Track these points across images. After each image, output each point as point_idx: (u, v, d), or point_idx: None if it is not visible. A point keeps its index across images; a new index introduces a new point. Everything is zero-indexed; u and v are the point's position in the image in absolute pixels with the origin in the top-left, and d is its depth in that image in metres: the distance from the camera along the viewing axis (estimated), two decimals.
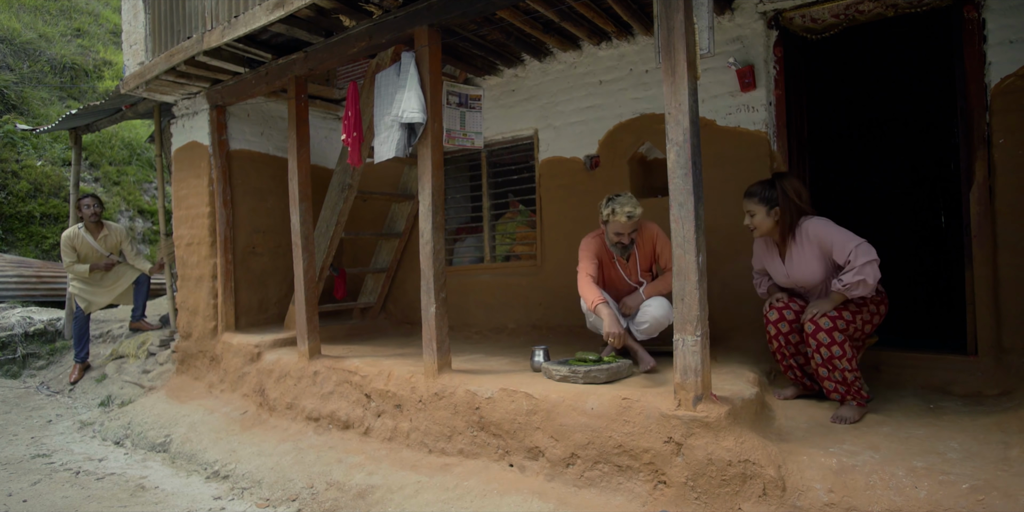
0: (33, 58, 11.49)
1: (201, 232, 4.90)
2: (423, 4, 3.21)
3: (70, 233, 5.55)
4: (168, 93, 4.89)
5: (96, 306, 5.67)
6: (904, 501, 1.97)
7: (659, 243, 3.32)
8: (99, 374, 5.59)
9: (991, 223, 3.05)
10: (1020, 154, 2.97)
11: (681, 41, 2.32)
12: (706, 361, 2.33)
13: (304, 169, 4.04)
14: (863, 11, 3.38)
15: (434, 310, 3.21)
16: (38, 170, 9.63)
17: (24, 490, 3.30)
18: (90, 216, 5.56)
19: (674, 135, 2.33)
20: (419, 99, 3.19)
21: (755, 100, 3.67)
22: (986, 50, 3.06)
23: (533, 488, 2.58)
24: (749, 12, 3.67)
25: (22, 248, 9.07)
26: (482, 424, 2.89)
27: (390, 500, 2.76)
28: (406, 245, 5.43)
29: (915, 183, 5.85)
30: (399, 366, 3.46)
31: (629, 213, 3.13)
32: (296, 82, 4.00)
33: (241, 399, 4.29)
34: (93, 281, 5.62)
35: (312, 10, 3.36)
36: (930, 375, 3.12)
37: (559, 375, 2.91)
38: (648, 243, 3.35)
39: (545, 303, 4.63)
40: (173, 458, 3.83)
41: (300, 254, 4.03)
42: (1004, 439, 2.28)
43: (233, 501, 3.13)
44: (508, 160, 5.04)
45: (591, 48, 4.32)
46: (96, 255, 5.59)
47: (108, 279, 5.69)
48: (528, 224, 4.91)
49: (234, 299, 4.82)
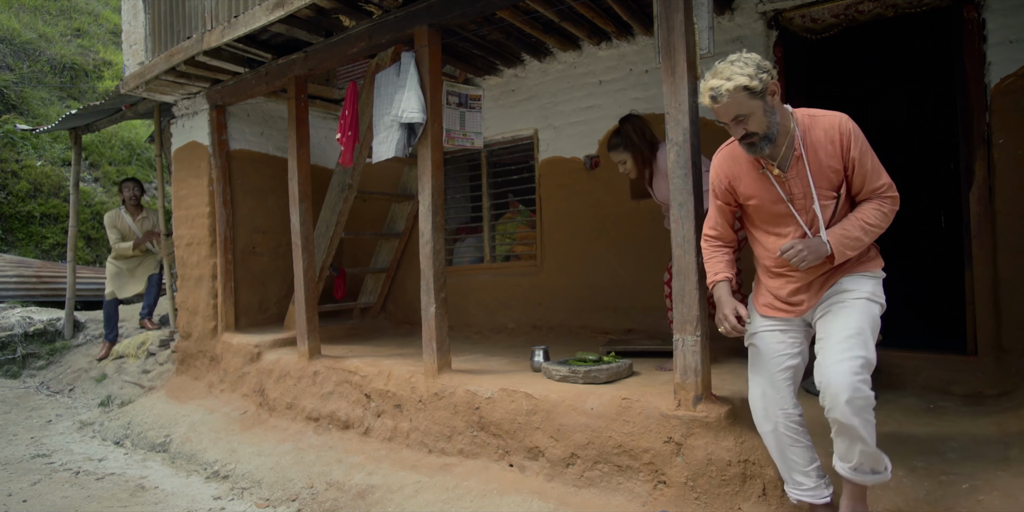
0: (33, 58, 11.49)
1: (201, 232, 4.89)
2: (423, 4, 3.21)
3: (112, 213, 5.93)
4: (168, 93, 4.89)
5: (122, 293, 5.90)
6: (904, 501, 1.97)
7: (854, 144, 1.90)
8: (99, 374, 5.59)
9: (991, 223, 3.05)
10: (1020, 154, 2.97)
11: (681, 41, 2.32)
12: (706, 361, 2.33)
13: (304, 169, 4.04)
14: (863, 11, 3.37)
15: (434, 310, 3.21)
16: (38, 170, 9.64)
17: (24, 490, 3.29)
18: (129, 198, 5.93)
19: (674, 135, 2.33)
20: (419, 99, 3.19)
21: None
22: (986, 50, 3.06)
23: (533, 488, 2.58)
24: (749, 12, 3.67)
25: (22, 248, 9.07)
26: (482, 424, 2.89)
27: (390, 500, 2.76)
28: (406, 245, 5.43)
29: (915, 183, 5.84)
30: (399, 366, 3.45)
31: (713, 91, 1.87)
32: (296, 82, 4.00)
33: (241, 399, 4.29)
34: (129, 267, 5.89)
35: (312, 10, 3.36)
36: (930, 375, 3.12)
37: (559, 375, 2.91)
38: (828, 143, 1.92)
39: (545, 303, 4.63)
40: (173, 458, 3.83)
41: (300, 254, 4.03)
42: (1004, 439, 2.28)
43: (233, 501, 3.13)
44: (508, 160, 5.04)
45: (591, 48, 4.32)
46: (133, 236, 5.88)
47: (140, 269, 5.95)
48: (528, 224, 4.91)
49: (234, 299, 4.82)
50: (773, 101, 1.90)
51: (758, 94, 1.85)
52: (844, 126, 1.90)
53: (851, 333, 1.81)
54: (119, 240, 5.82)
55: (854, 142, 1.88)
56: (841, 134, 1.89)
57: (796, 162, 1.93)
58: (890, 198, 1.91)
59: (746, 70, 1.84)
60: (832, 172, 1.91)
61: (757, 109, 1.86)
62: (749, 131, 1.90)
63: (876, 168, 1.90)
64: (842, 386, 1.73)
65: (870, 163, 1.89)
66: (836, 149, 1.90)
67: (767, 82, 1.86)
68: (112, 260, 5.90)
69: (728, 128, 1.95)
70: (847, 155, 1.90)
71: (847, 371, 1.74)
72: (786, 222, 2.00)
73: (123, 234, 5.86)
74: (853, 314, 1.86)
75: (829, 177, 1.92)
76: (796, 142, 1.93)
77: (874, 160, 1.90)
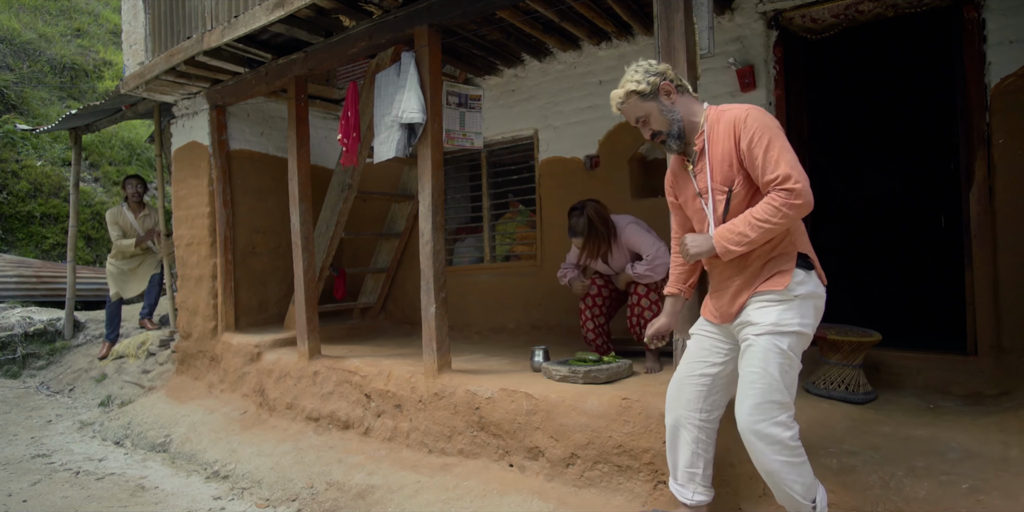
0: (33, 58, 11.49)
1: (201, 232, 4.90)
2: (423, 4, 3.21)
3: (114, 210, 5.88)
4: (168, 93, 4.89)
5: (126, 293, 5.88)
6: (904, 501, 1.97)
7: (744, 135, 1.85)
8: (99, 374, 5.59)
9: (991, 223, 3.05)
10: (1020, 154, 2.97)
11: (681, 41, 2.32)
12: None
13: (304, 169, 4.04)
14: (863, 11, 3.37)
15: (434, 310, 3.21)
16: (38, 170, 9.64)
17: (24, 490, 3.29)
18: (132, 195, 5.90)
19: None
20: (419, 99, 3.19)
21: (755, 100, 3.66)
22: (986, 50, 3.06)
23: (533, 488, 2.58)
24: (749, 12, 3.67)
25: (22, 248, 9.07)
26: (482, 424, 2.89)
27: (390, 500, 2.76)
28: (406, 245, 5.43)
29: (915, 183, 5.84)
30: (399, 366, 3.46)
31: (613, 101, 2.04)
32: (296, 82, 4.00)
33: (241, 399, 4.29)
34: (130, 267, 5.86)
35: (312, 10, 3.36)
36: (930, 375, 3.12)
37: (559, 375, 2.91)
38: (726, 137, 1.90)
39: (545, 303, 4.63)
40: (173, 458, 3.83)
41: (300, 254, 4.03)
42: (1004, 439, 2.28)
43: (233, 501, 3.13)
44: (508, 160, 5.04)
45: (591, 48, 4.32)
46: (135, 234, 5.85)
47: (142, 269, 5.92)
48: (528, 224, 4.91)
49: (234, 299, 4.82)
50: (670, 100, 1.97)
51: (649, 96, 1.95)
52: (740, 117, 1.86)
53: (752, 378, 1.83)
54: (121, 237, 5.79)
55: (744, 132, 1.83)
56: (735, 126, 1.86)
57: (700, 157, 1.97)
58: (784, 191, 1.73)
59: (635, 76, 1.96)
60: (727, 166, 1.89)
61: (653, 110, 1.96)
62: (654, 131, 1.99)
63: (773, 160, 1.77)
64: (746, 432, 1.83)
65: (763, 154, 1.78)
66: (730, 144, 1.87)
67: (656, 84, 1.95)
68: (112, 261, 5.87)
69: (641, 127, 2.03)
70: (739, 146, 1.85)
71: (747, 417, 1.82)
72: (701, 217, 2.02)
73: (124, 231, 5.83)
74: (756, 355, 1.84)
75: (724, 171, 1.90)
76: (702, 137, 1.95)
77: (772, 152, 1.77)
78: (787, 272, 1.85)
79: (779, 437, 1.78)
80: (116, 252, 5.85)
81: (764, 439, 1.79)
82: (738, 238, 1.81)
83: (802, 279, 1.86)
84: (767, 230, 1.77)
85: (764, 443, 1.79)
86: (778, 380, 1.79)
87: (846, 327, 3.12)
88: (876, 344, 3.06)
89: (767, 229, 1.77)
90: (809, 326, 1.85)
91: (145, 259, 5.92)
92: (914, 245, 5.75)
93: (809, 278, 1.87)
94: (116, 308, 5.92)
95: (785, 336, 1.82)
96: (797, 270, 1.86)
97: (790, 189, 1.73)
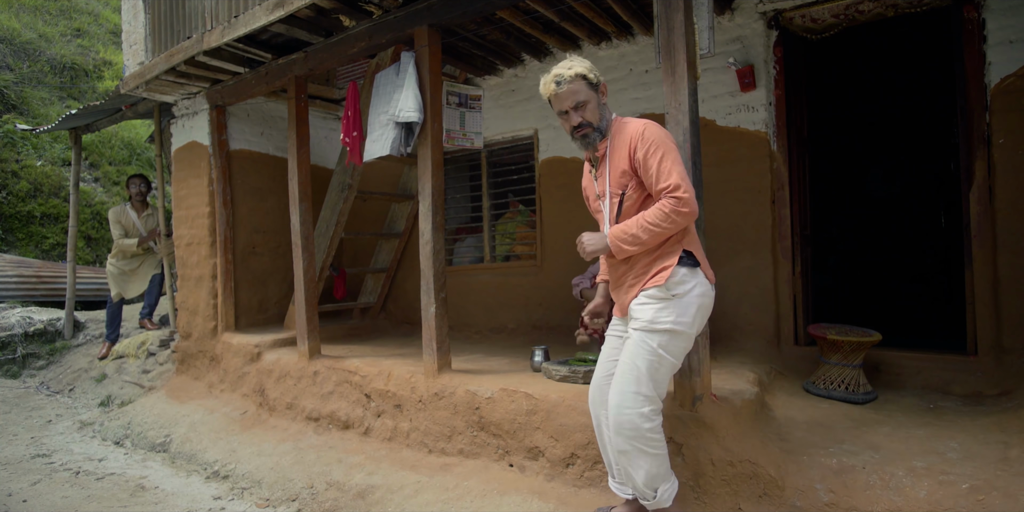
0: (33, 58, 11.49)
1: (201, 232, 4.90)
2: (423, 4, 3.21)
3: (117, 209, 5.86)
4: (168, 93, 4.89)
5: (127, 293, 5.87)
6: (904, 501, 1.97)
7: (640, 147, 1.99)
8: (99, 374, 5.59)
9: (991, 223, 3.05)
10: (1020, 154, 2.97)
11: (681, 41, 2.32)
12: (706, 361, 2.33)
13: (304, 169, 4.04)
14: (863, 11, 3.38)
15: (434, 310, 3.21)
16: (38, 170, 9.63)
17: (24, 490, 3.29)
18: (135, 195, 5.88)
19: (674, 135, 2.33)
20: (416, 98, 3.19)
21: (755, 100, 3.67)
22: (986, 50, 3.06)
23: (533, 488, 2.58)
24: (749, 12, 3.67)
25: (22, 248, 9.06)
26: (482, 424, 2.89)
27: (390, 500, 2.76)
28: (406, 245, 5.43)
29: (915, 183, 5.85)
30: (399, 366, 3.46)
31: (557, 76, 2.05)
32: (296, 82, 4.00)
33: (241, 399, 4.29)
34: (131, 267, 5.85)
35: (312, 10, 3.36)
36: (930, 375, 3.12)
37: (559, 375, 2.91)
38: (623, 146, 2.05)
39: (545, 303, 4.63)
40: (173, 458, 3.83)
41: (300, 254, 4.03)
42: (1004, 439, 2.28)
43: (233, 501, 3.13)
44: (508, 160, 5.04)
45: (591, 48, 4.31)
46: (137, 233, 5.83)
47: (142, 269, 5.91)
48: (528, 224, 4.91)
49: (234, 299, 4.82)
50: (603, 101, 2.11)
51: (594, 86, 2.07)
52: (637, 131, 2.01)
53: (623, 369, 1.98)
54: (123, 236, 5.77)
55: (640, 145, 1.98)
56: (631, 138, 2.02)
57: (601, 162, 2.13)
58: (675, 198, 1.90)
59: (585, 64, 2.07)
60: (621, 173, 2.05)
61: (593, 99, 2.07)
62: (585, 120, 2.06)
63: (666, 170, 1.93)
64: (611, 417, 1.98)
65: (657, 164, 1.94)
66: (627, 152, 2.03)
67: (600, 81, 2.10)
68: (112, 261, 5.86)
69: (565, 121, 2.11)
70: (633, 156, 2.00)
71: (614, 405, 1.96)
72: (601, 218, 2.19)
73: (127, 230, 5.81)
74: (628, 348, 1.99)
75: (618, 177, 2.06)
76: (606, 143, 2.11)
77: (665, 163, 1.94)
78: (668, 268, 1.97)
79: (639, 427, 1.92)
80: (117, 252, 5.83)
81: (625, 425, 1.93)
82: (631, 238, 1.96)
83: (682, 277, 1.97)
84: (656, 233, 1.94)
85: (624, 428, 1.93)
86: (645, 374, 1.93)
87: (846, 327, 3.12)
88: (876, 344, 3.07)
89: (656, 232, 1.93)
90: (686, 324, 1.96)
91: (146, 259, 5.91)
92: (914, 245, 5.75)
93: (692, 276, 1.98)
94: (117, 308, 5.93)
95: (656, 334, 1.94)
96: (678, 268, 1.97)
97: (679, 198, 1.90)
